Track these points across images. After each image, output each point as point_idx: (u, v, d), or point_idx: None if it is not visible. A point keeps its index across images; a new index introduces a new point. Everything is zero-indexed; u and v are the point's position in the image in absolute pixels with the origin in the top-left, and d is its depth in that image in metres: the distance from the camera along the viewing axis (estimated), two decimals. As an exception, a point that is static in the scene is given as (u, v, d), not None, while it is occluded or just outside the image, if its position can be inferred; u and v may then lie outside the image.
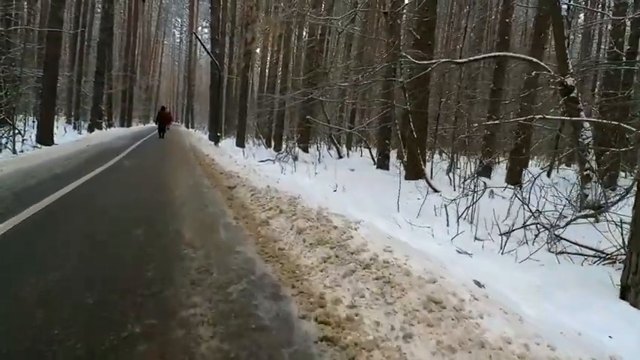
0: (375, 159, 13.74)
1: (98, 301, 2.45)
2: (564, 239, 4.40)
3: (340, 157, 16.49)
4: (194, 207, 5.36)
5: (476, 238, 5.02)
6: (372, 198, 7.44)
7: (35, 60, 18.05)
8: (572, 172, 10.42)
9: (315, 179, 9.55)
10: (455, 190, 8.76)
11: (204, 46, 21.65)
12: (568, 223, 4.79)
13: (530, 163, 15.02)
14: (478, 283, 3.03)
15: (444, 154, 14.62)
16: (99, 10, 27.76)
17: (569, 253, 4.46)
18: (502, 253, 4.41)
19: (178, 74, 67.84)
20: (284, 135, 19.83)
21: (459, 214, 5.93)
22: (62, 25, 13.80)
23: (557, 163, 13.78)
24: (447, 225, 5.67)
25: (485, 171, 10.57)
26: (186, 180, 7.80)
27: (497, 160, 13.73)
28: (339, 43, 19.74)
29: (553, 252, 4.53)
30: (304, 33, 21.12)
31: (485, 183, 6.61)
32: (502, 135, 13.06)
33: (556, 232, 4.75)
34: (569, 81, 6.60)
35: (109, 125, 27.70)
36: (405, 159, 11.00)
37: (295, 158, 12.31)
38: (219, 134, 17.53)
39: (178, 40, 67.39)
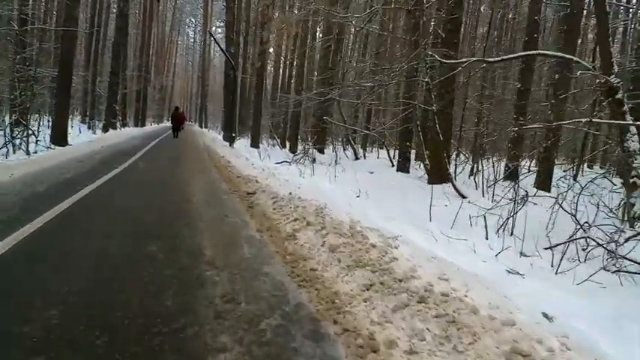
0: (394, 161, 13.30)
1: (107, 347, 2.07)
2: (627, 258, 3.92)
3: (357, 158, 16.08)
4: (213, 216, 4.98)
5: (522, 254, 4.58)
6: (397, 205, 7.02)
7: (51, 60, 17.91)
8: (594, 174, 9.82)
9: (335, 183, 9.16)
10: (483, 195, 8.29)
11: (219, 45, 21.33)
12: (628, 240, 4.30)
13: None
14: (547, 316, 2.62)
15: (462, 155, 14.09)
16: (114, 11, 27.66)
17: (628, 272, 4.00)
18: (556, 273, 3.96)
19: (192, 74, 67.93)
20: (299, 136, 19.48)
21: (499, 226, 5.49)
22: (77, 25, 13.58)
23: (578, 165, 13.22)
24: (486, 238, 5.23)
25: (512, 175, 10.05)
26: (202, 185, 7.44)
27: (521, 164, 13.18)
28: (355, 42, 19.29)
29: (608, 270, 4.07)
30: (318, 31, 20.73)
31: (527, 191, 6.13)
32: (530, 137, 12.50)
33: (610, 248, 4.28)
34: (614, 81, 6.10)
35: (123, 125, 27.60)
36: (427, 162, 10.58)
37: (313, 160, 11.91)
38: (233, 135, 17.19)
39: (192, 40, 67.45)
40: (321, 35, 18.59)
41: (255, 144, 18.14)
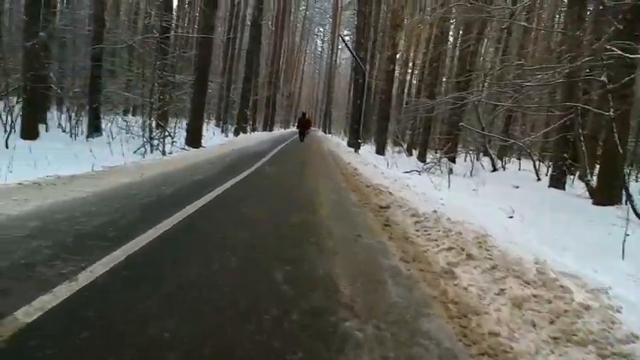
0: (546, 175, 11.39)
1: None
2: None
3: (495, 169, 14.28)
4: (344, 235, 4.15)
5: None
6: (564, 231, 5.54)
7: (192, 67, 19.06)
8: None
9: (477, 198, 7.85)
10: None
11: (349, 49, 20.94)
12: None
13: None
14: None
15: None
16: (249, 23, 29.05)
17: None
18: None
19: (318, 81, 69.76)
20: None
21: None
22: (213, 32, 14.05)
23: None
24: None
25: None
26: (329, 193, 6.72)
27: None
28: (500, 40, 17.39)
29: None
30: (451, 32, 19.18)
31: None
32: None
33: None
34: None
35: (253, 129, 28.77)
36: (588, 177, 8.72)
37: (450, 171, 10.61)
38: (359, 140, 16.51)
39: (320, 49, 69.35)
40: (460, 34, 17.07)
41: (380, 150, 17.26)
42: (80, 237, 3.20)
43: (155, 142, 10.04)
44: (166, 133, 10.40)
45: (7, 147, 7.90)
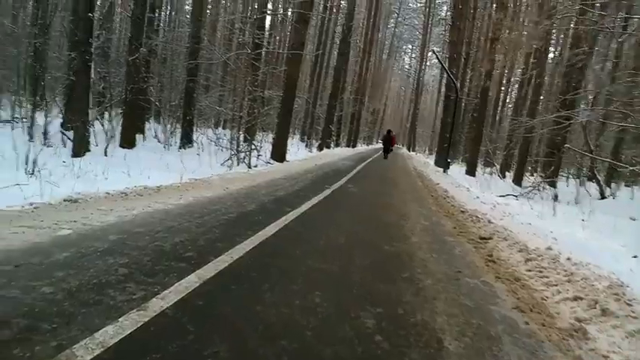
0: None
1: None
2: None
3: (603, 197, 12.69)
4: (442, 271, 3.59)
5: None
6: None
7: (281, 82, 19.41)
8: None
9: (588, 231, 6.82)
10: None
11: (442, 65, 20.12)
12: None
13: None
14: None
15: None
16: (337, 41, 29.27)
17: None
18: None
19: (404, 98, 68.81)
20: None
21: None
22: (303, 49, 14.09)
23: None
24: None
25: None
26: (420, 218, 6.14)
27: None
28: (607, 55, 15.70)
29: None
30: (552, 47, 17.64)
31: None
32: None
33: None
34: None
35: (336, 145, 28.70)
36: None
37: (555, 197, 9.51)
38: (448, 160, 15.60)
39: (407, 67, 68.48)
40: (568, 47, 15.65)
41: (471, 171, 16.20)
42: (157, 256, 3.00)
43: (242, 155, 10.11)
44: (253, 147, 10.44)
45: (105, 154, 8.30)
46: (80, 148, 7.71)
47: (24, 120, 9.86)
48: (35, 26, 11.61)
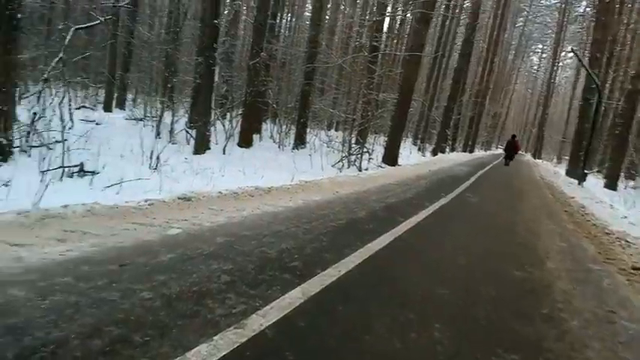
0: None
1: None
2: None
3: None
4: (590, 310, 2.91)
5: None
6: None
7: (396, 85, 18.91)
8: None
9: None
10: None
11: (583, 64, 17.91)
12: None
13: None
14: None
15: None
16: (458, 43, 27.84)
17: None
18: None
19: (530, 101, 63.63)
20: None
21: None
22: (422, 50, 13.46)
23: None
24: None
25: None
26: (555, 239, 5.30)
27: None
28: None
29: None
30: None
31: None
32: None
33: None
34: None
35: (452, 150, 27.30)
36: None
37: None
38: (585, 171, 13.77)
39: (536, 68, 63.11)
40: None
41: (611, 185, 14.16)
42: (261, 263, 2.83)
43: (353, 157, 9.92)
44: (364, 150, 10.19)
45: (224, 153, 8.66)
46: (201, 146, 8.11)
47: (154, 118, 10.74)
48: (168, 34, 12.65)
